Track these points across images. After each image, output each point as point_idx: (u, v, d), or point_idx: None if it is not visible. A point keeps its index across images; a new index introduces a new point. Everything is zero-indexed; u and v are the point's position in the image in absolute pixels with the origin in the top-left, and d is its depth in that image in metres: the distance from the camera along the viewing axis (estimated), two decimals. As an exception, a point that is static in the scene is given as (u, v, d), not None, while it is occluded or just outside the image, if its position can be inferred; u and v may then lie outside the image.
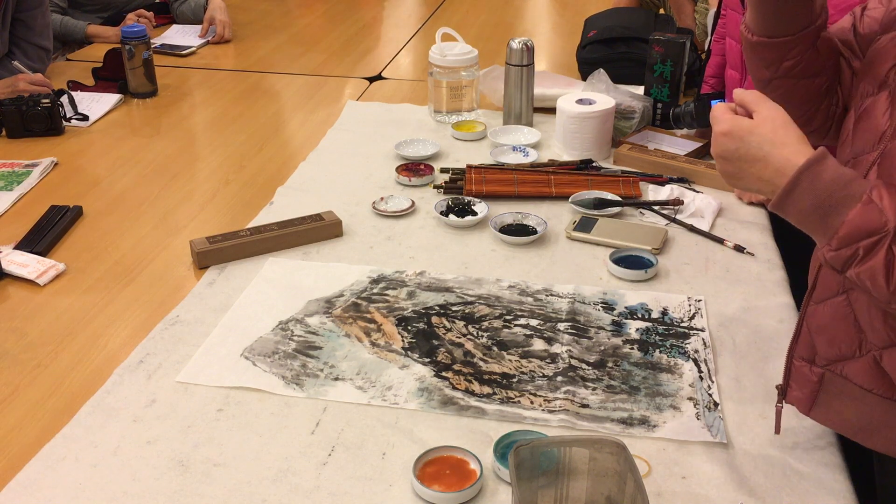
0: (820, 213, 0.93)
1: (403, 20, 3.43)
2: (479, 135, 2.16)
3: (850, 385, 1.08)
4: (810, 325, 1.11)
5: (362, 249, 1.66)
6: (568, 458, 1.02)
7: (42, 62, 2.58)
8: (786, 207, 0.95)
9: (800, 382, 1.13)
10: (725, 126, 1.00)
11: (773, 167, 0.96)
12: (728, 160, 1.00)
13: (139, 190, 1.94)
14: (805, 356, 1.12)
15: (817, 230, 0.95)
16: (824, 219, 0.93)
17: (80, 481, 1.12)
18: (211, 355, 1.35)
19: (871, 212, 0.90)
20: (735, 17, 1.85)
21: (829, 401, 1.11)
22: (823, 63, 1.15)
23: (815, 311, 1.10)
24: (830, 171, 0.93)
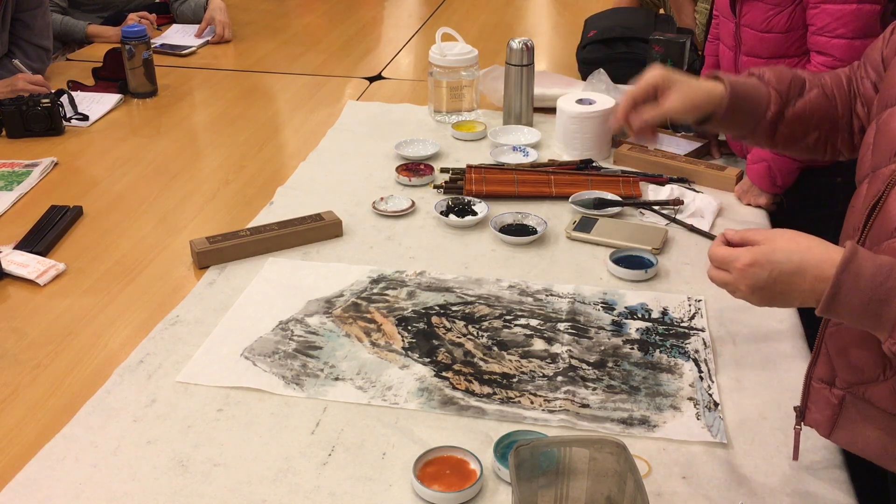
0: (872, 309, 0.91)
1: (403, 20, 3.43)
2: (479, 135, 2.15)
3: (873, 409, 1.04)
4: (830, 347, 1.07)
5: (362, 249, 1.66)
6: (568, 458, 1.02)
7: (42, 62, 2.58)
8: (836, 311, 0.94)
9: (819, 405, 1.09)
10: (747, 258, 0.97)
11: (812, 275, 0.94)
12: (763, 288, 0.97)
13: (139, 190, 1.94)
14: (824, 378, 1.08)
15: (875, 326, 0.93)
16: (878, 314, 0.91)
17: (80, 481, 1.12)
18: (211, 355, 1.35)
19: None
20: (727, 25, 1.85)
21: (851, 424, 1.06)
22: (806, 126, 1.17)
23: (836, 334, 1.05)
24: (868, 264, 0.92)
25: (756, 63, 1.77)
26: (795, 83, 1.21)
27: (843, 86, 1.22)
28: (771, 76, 1.21)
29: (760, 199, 1.79)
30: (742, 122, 1.21)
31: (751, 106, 1.20)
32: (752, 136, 1.24)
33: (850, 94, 1.21)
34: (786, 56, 1.73)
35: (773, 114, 1.20)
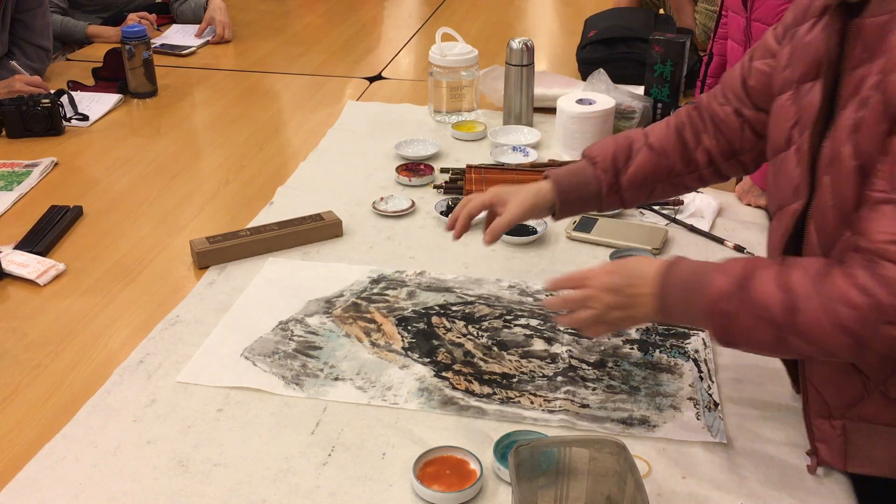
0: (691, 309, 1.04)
1: (403, 20, 3.43)
2: (479, 135, 2.15)
3: (873, 427, 1.07)
4: (814, 381, 1.11)
5: (362, 249, 1.66)
6: (568, 458, 1.02)
7: (42, 62, 2.58)
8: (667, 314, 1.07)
9: (827, 442, 1.11)
10: (604, 268, 1.13)
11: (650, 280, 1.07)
12: (618, 291, 1.09)
13: (139, 190, 1.94)
14: (821, 413, 1.11)
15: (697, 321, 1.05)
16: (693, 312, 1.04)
17: (80, 481, 1.12)
18: (211, 355, 1.35)
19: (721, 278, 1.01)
20: (736, 20, 1.85)
21: (860, 449, 1.09)
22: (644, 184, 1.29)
23: (814, 369, 1.10)
24: (685, 265, 1.06)
25: None
26: (620, 154, 1.29)
27: (672, 136, 1.30)
28: (598, 153, 1.30)
29: (760, 200, 1.78)
30: (582, 206, 1.33)
31: (582, 192, 1.30)
32: (602, 208, 1.33)
33: (683, 140, 1.29)
34: None
35: (607, 189, 1.29)
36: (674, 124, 1.31)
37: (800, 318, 0.95)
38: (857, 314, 0.92)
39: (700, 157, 1.29)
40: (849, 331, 0.93)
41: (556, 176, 1.31)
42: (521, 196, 1.29)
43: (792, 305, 0.96)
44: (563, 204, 1.30)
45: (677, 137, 1.29)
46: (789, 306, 0.96)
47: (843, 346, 0.95)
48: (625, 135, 1.33)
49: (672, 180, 1.30)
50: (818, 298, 0.95)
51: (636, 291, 1.08)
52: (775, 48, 1.20)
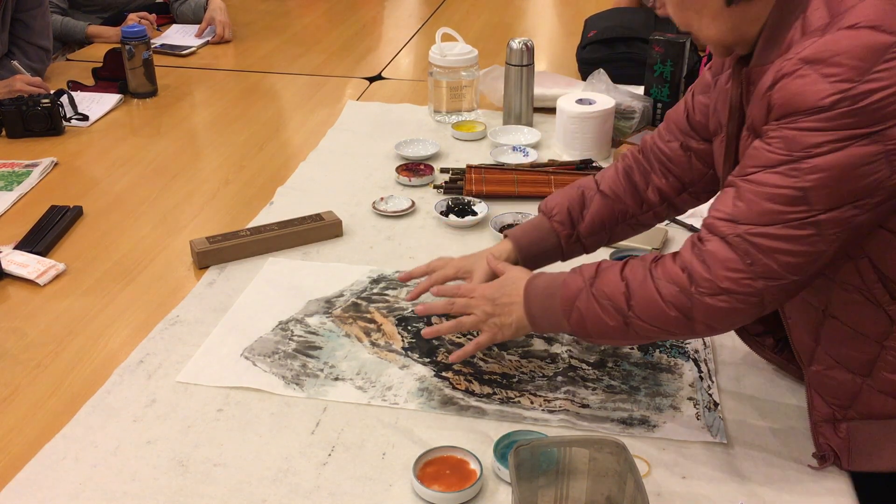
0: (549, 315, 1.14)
1: (403, 20, 3.43)
2: (479, 135, 2.16)
3: (874, 423, 1.09)
4: (814, 385, 1.14)
5: (362, 249, 1.66)
6: (568, 458, 1.02)
7: (42, 62, 2.58)
8: (534, 323, 1.17)
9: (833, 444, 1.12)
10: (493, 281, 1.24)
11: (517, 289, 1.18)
12: (494, 300, 1.20)
13: (139, 190, 1.94)
14: (825, 417, 1.13)
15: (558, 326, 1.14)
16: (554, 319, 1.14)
17: (80, 481, 1.12)
18: (211, 355, 1.35)
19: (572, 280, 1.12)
20: None
21: (863, 448, 1.11)
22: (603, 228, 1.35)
23: (814, 373, 1.13)
24: (545, 277, 1.17)
25: None
26: (574, 205, 1.34)
27: (622, 180, 1.34)
28: (553, 206, 1.35)
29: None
30: (545, 259, 1.36)
31: (543, 246, 1.35)
32: (565, 258, 1.37)
33: (633, 182, 1.34)
34: None
35: (566, 239, 1.34)
36: (622, 169, 1.35)
37: (635, 301, 1.07)
38: (678, 289, 1.04)
39: (652, 197, 1.33)
40: (673, 306, 1.04)
41: (514, 235, 1.36)
42: (484, 263, 1.32)
43: (629, 291, 1.07)
44: (525, 260, 1.34)
45: (627, 181, 1.34)
46: (627, 293, 1.07)
47: (674, 322, 1.05)
48: (576, 185, 1.38)
49: (628, 221, 1.35)
50: (650, 281, 1.06)
51: (508, 300, 1.18)
52: (711, 83, 1.26)
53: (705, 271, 1.02)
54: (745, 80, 1.07)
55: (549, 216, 1.35)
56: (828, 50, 0.94)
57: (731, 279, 1.00)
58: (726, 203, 1.03)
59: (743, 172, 1.02)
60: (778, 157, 0.98)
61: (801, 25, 1.00)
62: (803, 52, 0.95)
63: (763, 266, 0.99)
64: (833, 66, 0.93)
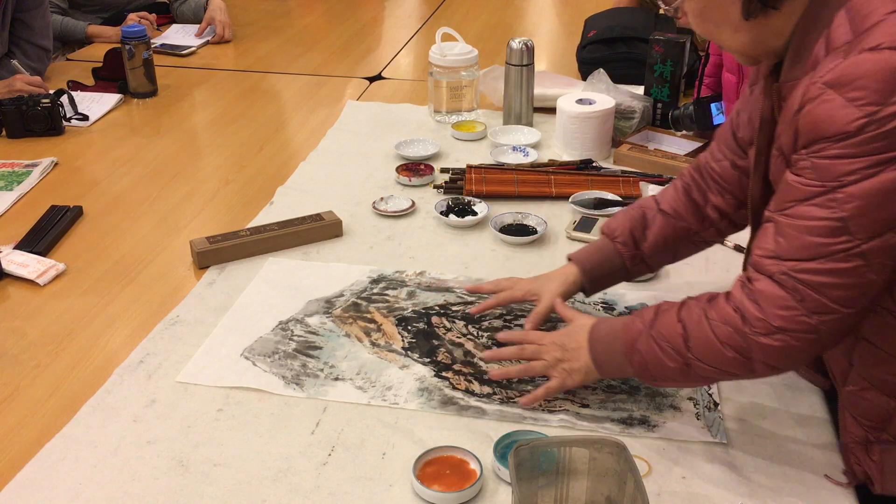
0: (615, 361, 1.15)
1: (403, 20, 3.43)
2: (479, 135, 2.16)
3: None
4: (847, 407, 1.13)
5: (362, 249, 1.66)
6: (568, 458, 1.02)
7: (42, 62, 2.58)
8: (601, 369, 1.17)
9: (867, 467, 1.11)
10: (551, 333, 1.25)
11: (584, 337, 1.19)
12: (564, 346, 1.21)
13: (139, 190, 1.94)
14: (857, 439, 1.12)
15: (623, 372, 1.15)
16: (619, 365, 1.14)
17: (80, 481, 1.12)
18: (211, 355, 1.35)
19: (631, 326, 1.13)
20: None
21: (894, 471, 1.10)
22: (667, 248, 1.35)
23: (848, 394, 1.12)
24: (604, 326, 1.17)
25: None
26: (636, 225, 1.34)
27: (682, 198, 1.34)
28: (616, 228, 1.36)
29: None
30: (611, 280, 1.38)
31: (607, 268, 1.35)
32: (630, 278, 1.39)
33: (693, 200, 1.33)
34: None
35: (630, 260, 1.35)
36: (681, 187, 1.35)
37: (693, 343, 1.06)
38: (732, 330, 1.03)
39: (712, 214, 1.32)
40: (730, 347, 1.03)
41: (577, 258, 1.37)
42: (552, 286, 1.35)
43: (686, 333, 1.06)
44: (590, 283, 1.36)
45: (687, 199, 1.34)
46: (685, 335, 1.07)
47: (733, 363, 1.04)
48: (637, 205, 1.38)
49: (691, 238, 1.35)
50: (706, 322, 1.05)
51: (575, 346, 1.19)
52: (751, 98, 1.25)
53: (758, 311, 1.00)
54: (776, 95, 1.06)
55: (611, 238, 1.35)
56: (850, 73, 0.92)
57: (784, 317, 0.99)
58: (767, 240, 1.02)
59: (780, 207, 1.01)
60: (812, 188, 0.97)
61: (825, 42, 0.98)
62: (827, 75, 0.94)
63: (814, 302, 0.97)
64: (857, 90, 0.92)
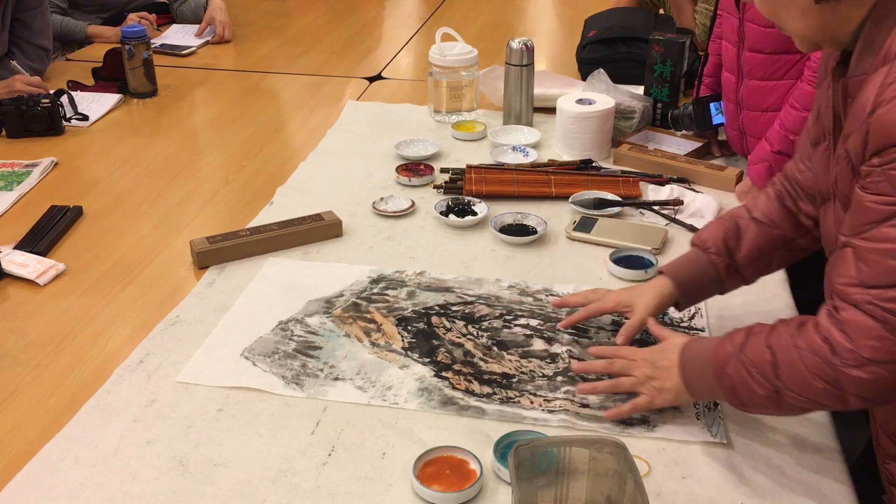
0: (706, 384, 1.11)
1: (403, 20, 3.43)
2: (479, 135, 2.16)
3: None
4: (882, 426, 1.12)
5: (362, 249, 1.66)
6: (568, 458, 1.02)
7: (42, 62, 2.58)
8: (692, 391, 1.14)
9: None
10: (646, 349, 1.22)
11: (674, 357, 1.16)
12: (654, 363, 1.18)
13: (139, 190, 1.94)
14: (892, 454, 1.12)
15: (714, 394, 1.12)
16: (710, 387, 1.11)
17: (80, 481, 1.12)
18: (211, 355, 1.35)
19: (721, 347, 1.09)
20: (730, 20, 1.85)
21: None
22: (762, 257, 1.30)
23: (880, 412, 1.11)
24: (695, 347, 1.14)
25: (757, 58, 1.77)
26: (730, 235, 1.30)
27: (776, 206, 1.30)
28: (708, 238, 1.32)
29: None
30: (705, 292, 1.34)
31: (702, 280, 1.32)
32: (725, 290, 1.35)
33: (787, 208, 1.29)
34: (788, 52, 1.73)
35: (725, 270, 1.30)
36: (774, 195, 1.32)
37: (782, 372, 1.02)
38: (822, 361, 0.98)
39: (805, 221, 1.28)
40: (819, 378, 0.99)
41: (671, 271, 1.34)
42: (645, 298, 1.32)
43: (775, 360, 1.02)
44: (684, 296, 1.33)
45: (780, 206, 1.30)
46: (774, 362, 1.02)
47: (824, 394, 0.99)
48: (729, 215, 1.34)
49: (787, 246, 1.30)
50: (794, 351, 1.01)
51: (667, 364, 1.16)
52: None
53: (847, 342, 0.96)
54: (842, 91, 1.03)
55: (704, 249, 1.31)
56: None
57: (875, 348, 0.94)
58: (848, 267, 0.97)
59: (858, 230, 0.97)
60: (890, 207, 0.93)
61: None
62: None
63: None
64: None
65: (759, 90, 1.80)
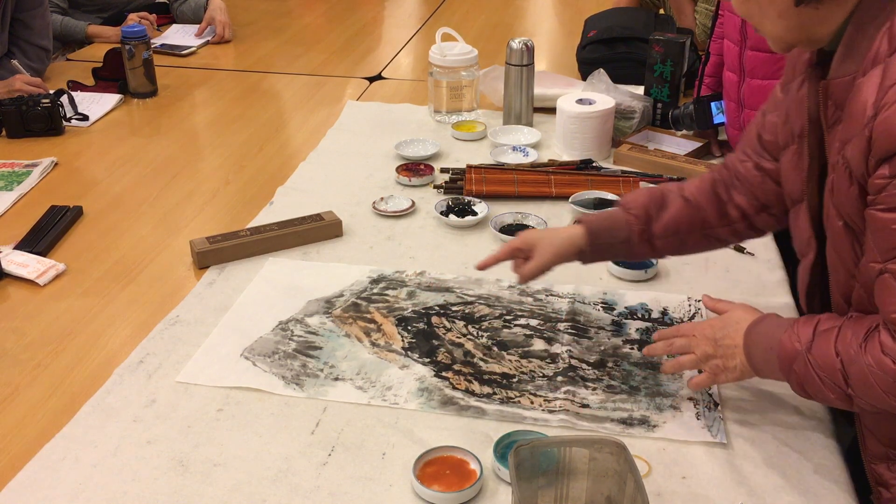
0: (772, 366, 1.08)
1: (403, 20, 3.43)
2: (479, 135, 2.16)
3: None
4: (867, 424, 1.13)
5: (362, 249, 1.66)
6: (568, 458, 1.02)
7: (42, 62, 2.58)
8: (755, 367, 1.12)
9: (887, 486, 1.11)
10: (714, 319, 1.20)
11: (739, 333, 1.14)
12: (716, 340, 1.16)
13: (139, 190, 1.94)
14: (879, 456, 1.12)
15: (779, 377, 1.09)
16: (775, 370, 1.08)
17: (80, 481, 1.12)
18: (211, 355, 1.35)
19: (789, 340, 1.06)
20: (732, 19, 1.85)
21: None
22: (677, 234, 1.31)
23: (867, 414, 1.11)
24: (764, 325, 1.11)
25: (759, 57, 1.77)
26: (653, 203, 1.31)
27: (707, 190, 1.31)
28: (632, 201, 1.32)
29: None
30: (612, 251, 1.34)
31: (613, 236, 1.31)
32: (632, 256, 1.35)
33: (717, 194, 1.31)
34: None
35: (638, 236, 1.30)
36: (709, 179, 1.33)
37: (854, 382, 0.99)
38: (893, 380, 0.96)
39: (732, 212, 1.30)
40: (892, 395, 0.97)
41: (587, 220, 1.33)
42: (550, 242, 1.31)
43: (845, 371, 1.00)
44: (592, 247, 1.31)
45: (711, 192, 1.31)
46: (844, 371, 1.00)
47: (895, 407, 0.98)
48: (660, 186, 1.35)
49: (705, 231, 1.32)
50: (864, 367, 0.98)
51: (731, 343, 1.14)
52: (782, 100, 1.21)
53: None
54: (822, 93, 1.03)
55: (626, 209, 1.32)
56: None
57: None
58: (893, 295, 0.96)
59: (890, 255, 0.95)
60: None
61: (887, 35, 0.94)
62: None
63: None
64: None
65: (762, 89, 1.80)
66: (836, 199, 1.03)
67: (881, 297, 0.98)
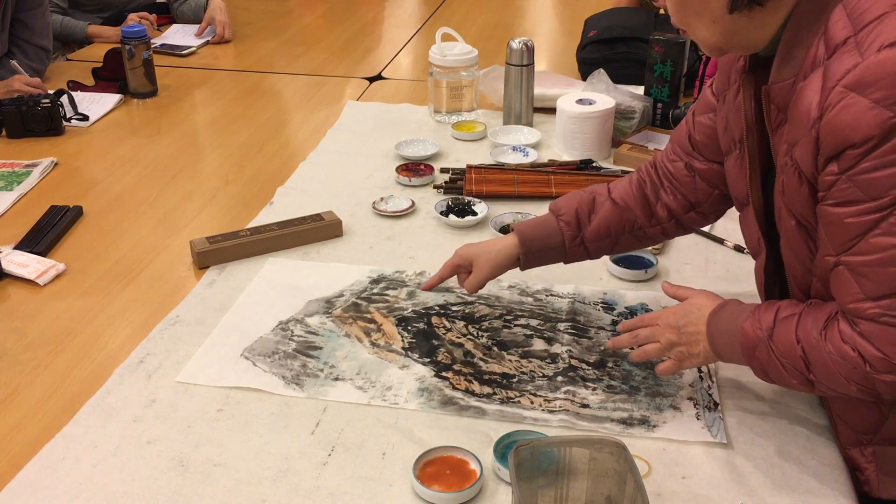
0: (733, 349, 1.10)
1: (403, 20, 3.43)
2: (479, 135, 2.16)
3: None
4: (836, 411, 1.15)
5: (362, 249, 1.66)
6: (568, 458, 1.02)
7: (42, 62, 2.58)
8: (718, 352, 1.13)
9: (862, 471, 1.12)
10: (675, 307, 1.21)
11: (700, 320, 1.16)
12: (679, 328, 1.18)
13: (139, 190, 1.94)
14: (851, 441, 1.13)
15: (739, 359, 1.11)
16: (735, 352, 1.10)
17: (80, 481, 1.12)
18: (211, 355, 1.35)
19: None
20: None
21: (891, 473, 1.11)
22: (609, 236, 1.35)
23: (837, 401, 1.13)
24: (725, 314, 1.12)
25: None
26: (584, 207, 1.35)
27: (635, 191, 1.35)
28: (563, 206, 1.36)
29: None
30: (547, 257, 1.38)
31: (546, 243, 1.36)
32: (567, 260, 1.38)
33: (644, 195, 1.35)
34: None
35: (570, 241, 1.35)
36: (636, 180, 1.37)
37: (815, 369, 1.02)
38: (854, 368, 0.98)
39: (661, 212, 1.34)
40: (853, 382, 0.99)
41: (520, 229, 1.37)
42: (486, 256, 1.37)
43: (806, 357, 1.02)
44: (526, 255, 1.36)
45: (639, 193, 1.35)
46: (805, 358, 1.02)
47: (858, 392, 1.00)
48: (590, 189, 1.38)
49: (635, 232, 1.36)
50: (825, 354, 1.00)
51: (693, 330, 1.16)
52: (714, 103, 1.25)
53: (875, 350, 0.96)
54: (764, 98, 1.04)
55: (557, 215, 1.36)
56: (873, 73, 0.88)
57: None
58: (850, 286, 0.97)
59: (843, 248, 0.96)
60: (867, 217, 0.93)
61: (823, 40, 0.95)
62: (845, 78, 0.90)
63: None
64: (882, 90, 0.88)
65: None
66: (787, 200, 1.05)
67: (837, 289, 1.00)
